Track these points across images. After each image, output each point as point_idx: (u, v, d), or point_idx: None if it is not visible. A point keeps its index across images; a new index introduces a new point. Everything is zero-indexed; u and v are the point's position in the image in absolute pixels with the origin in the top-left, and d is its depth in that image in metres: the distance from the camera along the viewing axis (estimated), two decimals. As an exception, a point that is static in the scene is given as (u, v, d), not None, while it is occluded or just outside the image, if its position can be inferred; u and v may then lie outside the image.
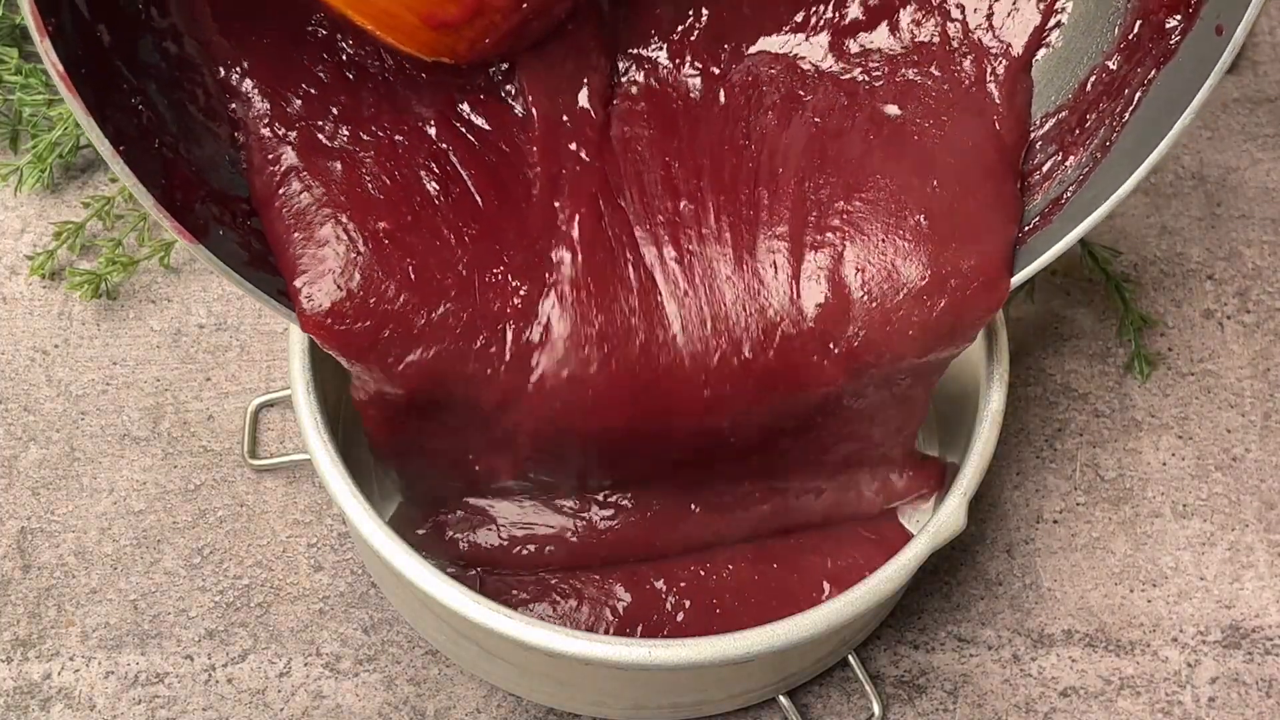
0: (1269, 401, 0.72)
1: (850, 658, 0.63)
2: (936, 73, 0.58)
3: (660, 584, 0.61)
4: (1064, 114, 0.58)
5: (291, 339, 0.59)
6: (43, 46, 0.47)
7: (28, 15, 0.46)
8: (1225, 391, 0.72)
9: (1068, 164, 0.58)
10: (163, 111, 0.53)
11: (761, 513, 0.63)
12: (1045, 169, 0.58)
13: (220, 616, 0.66)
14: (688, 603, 0.61)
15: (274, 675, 0.65)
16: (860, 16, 0.59)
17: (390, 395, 0.56)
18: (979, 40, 0.58)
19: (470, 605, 0.54)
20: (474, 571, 0.62)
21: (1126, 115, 0.56)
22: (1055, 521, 0.69)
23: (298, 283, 0.54)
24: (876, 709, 0.63)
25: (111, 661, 0.65)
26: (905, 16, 0.59)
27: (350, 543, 0.68)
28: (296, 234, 0.54)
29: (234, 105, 0.55)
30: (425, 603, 0.57)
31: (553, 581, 0.61)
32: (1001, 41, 0.59)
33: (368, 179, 0.55)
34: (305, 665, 0.65)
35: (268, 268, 0.55)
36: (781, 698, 0.63)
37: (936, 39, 0.58)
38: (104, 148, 0.49)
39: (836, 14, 0.59)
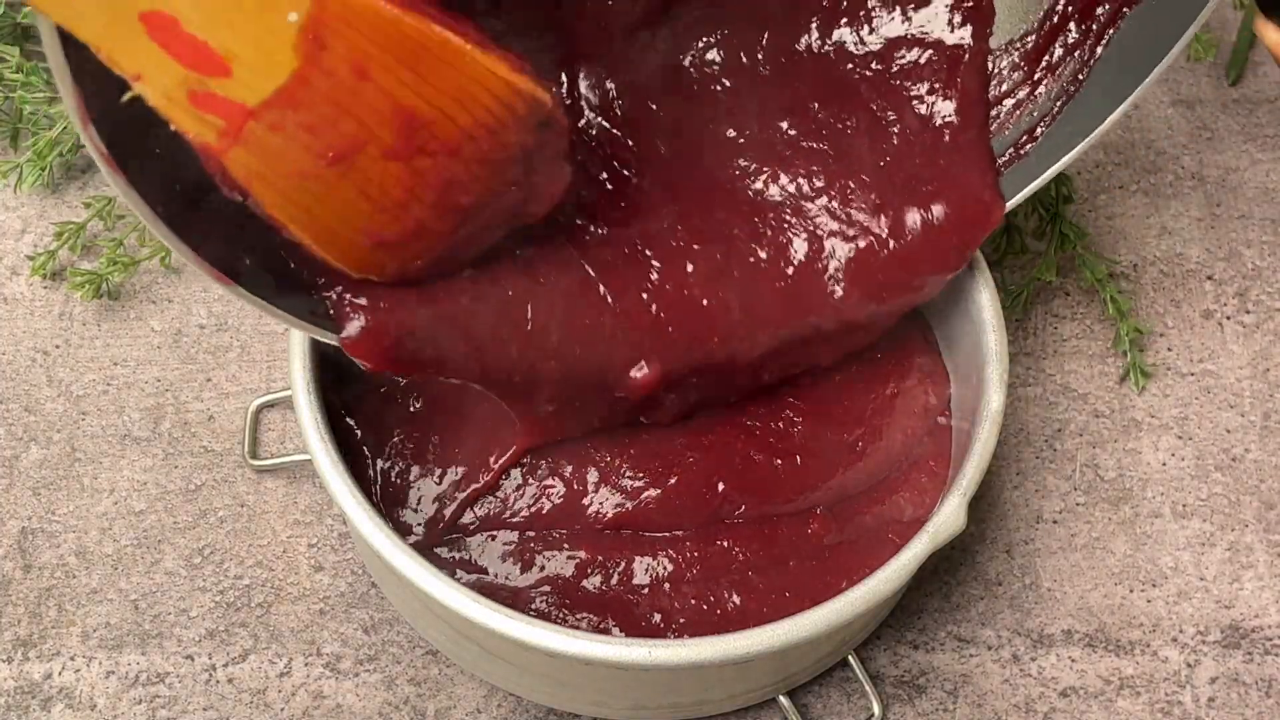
0: (1269, 401, 0.72)
1: (850, 658, 0.63)
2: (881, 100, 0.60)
3: (657, 619, 0.60)
4: (1030, 39, 0.59)
5: (292, 340, 0.59)
6: (86, 133, 0.45)
7: (70, 107, 0.44)
8: (1225, 392, 0.72)
9: (1038, 95, 0.59)
10: (169, 145, 0.49)
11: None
12: (1018, 98, 0.60)
13: (221, 616, 0.66)
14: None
15: (274, 675, 0.65)
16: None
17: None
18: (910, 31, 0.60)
19: (470, 605, 0.54)
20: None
21: (1098, 49, 0.57)
22: (1055, 521, 0.69)
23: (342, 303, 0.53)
24: (876, 709, 0.63)
25: (112, 661, 0.65)
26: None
27: (350, 543, 0.68)
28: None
29: None
30: (425, 603, 0.57)
31: (546, 609, 0.61)
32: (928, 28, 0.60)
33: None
34: (306, 665, 0.65)
35: (297, 289, 0.53)
36: (781, 698, 0.63)
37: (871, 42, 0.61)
38: (145, 214, 0.47)
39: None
